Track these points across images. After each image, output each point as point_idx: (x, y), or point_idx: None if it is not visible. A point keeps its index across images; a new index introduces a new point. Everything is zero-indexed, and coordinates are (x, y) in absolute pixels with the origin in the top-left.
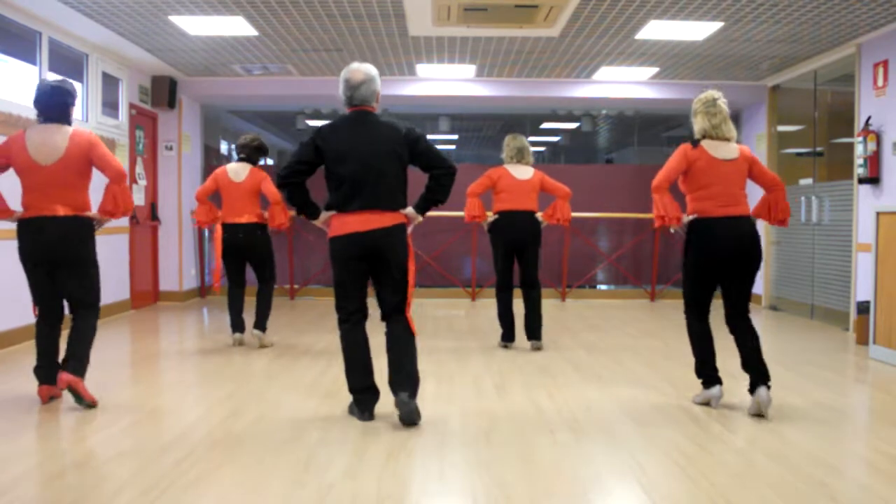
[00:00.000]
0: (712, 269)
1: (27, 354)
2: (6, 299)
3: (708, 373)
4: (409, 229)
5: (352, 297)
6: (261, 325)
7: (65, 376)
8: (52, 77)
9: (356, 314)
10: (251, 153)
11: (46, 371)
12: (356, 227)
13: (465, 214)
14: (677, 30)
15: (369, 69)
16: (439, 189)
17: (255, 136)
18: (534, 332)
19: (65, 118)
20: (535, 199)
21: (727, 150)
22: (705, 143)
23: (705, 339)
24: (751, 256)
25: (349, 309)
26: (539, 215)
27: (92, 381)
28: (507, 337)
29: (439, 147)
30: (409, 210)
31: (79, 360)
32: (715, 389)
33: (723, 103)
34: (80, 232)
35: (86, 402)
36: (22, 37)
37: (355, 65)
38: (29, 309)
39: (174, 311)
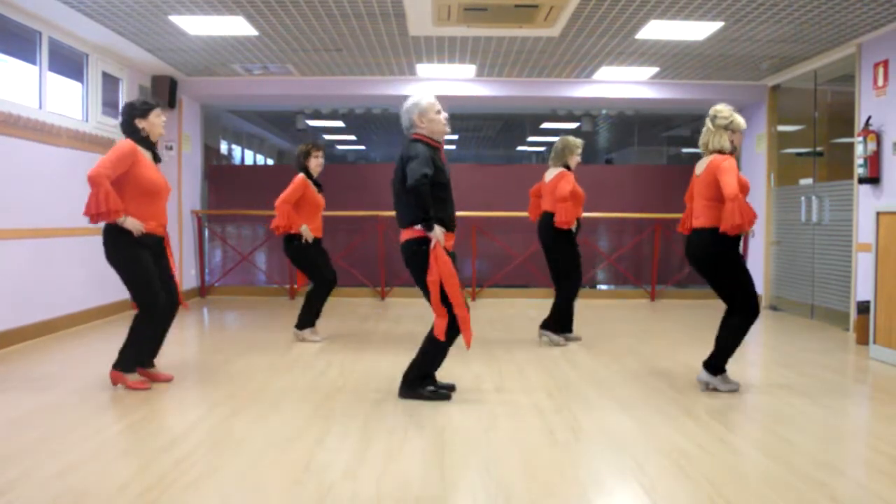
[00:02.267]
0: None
1: (26, 355)
2: (6, 299)
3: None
4: (431, 244)
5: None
6: (297, 323)
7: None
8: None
9: None
10: (296, 164)
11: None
12: None
13: None
14: (677, 30)
15: (407, 100)
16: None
17: (300, 147)
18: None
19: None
20: (562, 206)
21: (700, 166)
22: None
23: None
24: (699, 262)
25: None
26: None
27: (93, 381)
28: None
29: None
30: (419, 226)
31: (119, 353)
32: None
33: (709, 120)
34: (105, 238)
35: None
36: (22, 37)
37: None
38: (29, 310)
39: None
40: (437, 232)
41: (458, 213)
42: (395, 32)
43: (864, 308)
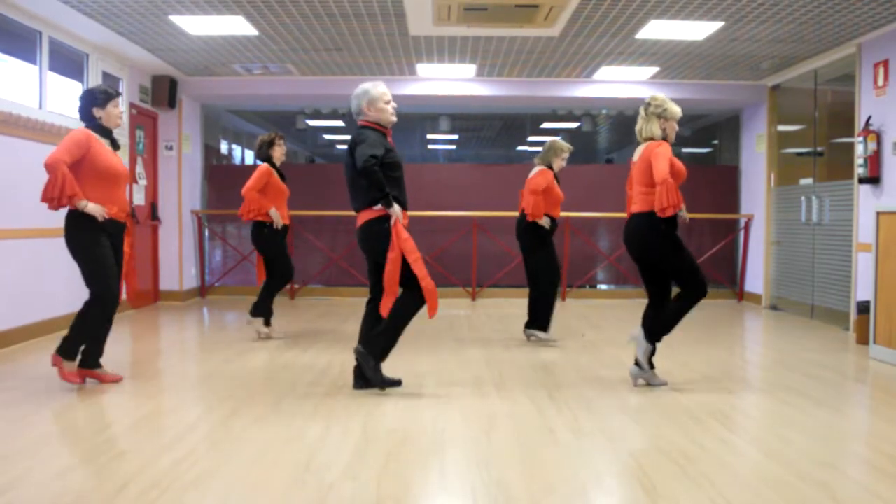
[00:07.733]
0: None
1: (27, 354)
2: (7, 299)
3: None
4: (392, 221)
5: (370, 282)
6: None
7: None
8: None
9: (371, 301)
10: (259, 153)
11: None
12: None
13: None
14: (678, 29)
15: (358, 87)
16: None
17: (263, 137)
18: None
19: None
20: (531, 198)
21: (637, 153)
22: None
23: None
24: (633, 246)
25: (371, 293)
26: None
27: (92, 381)
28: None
29: (438, 147)
30: (377, 205)
31: (63, 339)
32: None
33: (643, 108)
34: (66, 222)
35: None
36: (22, 37)
37: None
38: (28, 309)
39: (174, 311)
40: (397, 209)
41: (458, 213)
42: (395, 32)
43: (864, 308)
